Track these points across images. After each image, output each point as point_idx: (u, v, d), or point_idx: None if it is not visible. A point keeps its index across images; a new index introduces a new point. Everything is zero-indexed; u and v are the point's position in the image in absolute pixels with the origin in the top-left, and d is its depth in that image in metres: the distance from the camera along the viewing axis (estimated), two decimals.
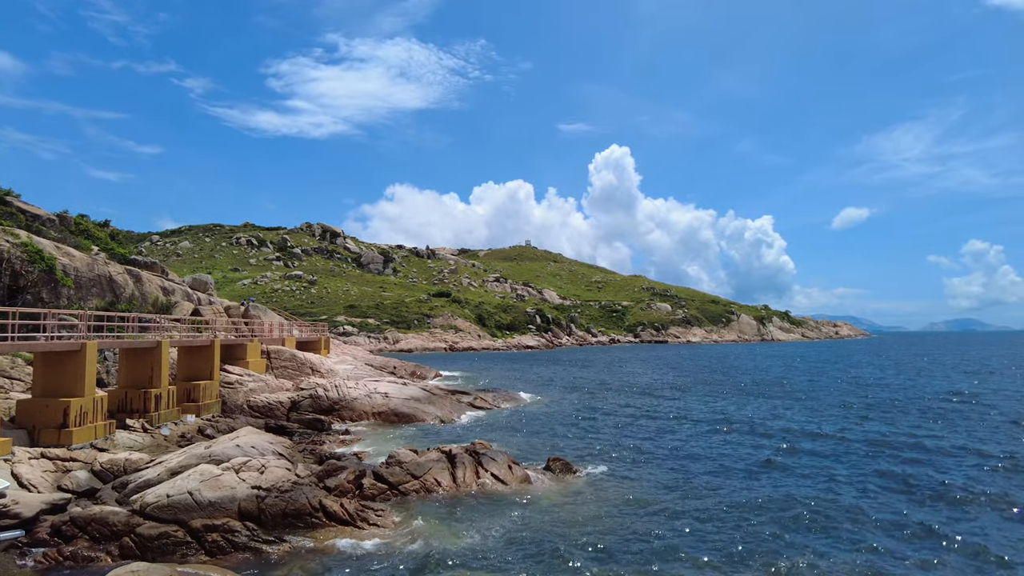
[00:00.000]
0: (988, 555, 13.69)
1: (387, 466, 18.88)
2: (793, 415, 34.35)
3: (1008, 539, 14.74)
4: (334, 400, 32.08)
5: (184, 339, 29.34)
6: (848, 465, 22.16)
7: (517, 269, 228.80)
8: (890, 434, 27.97)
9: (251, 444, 19.30)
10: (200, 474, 15.52)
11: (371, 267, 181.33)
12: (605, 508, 16.98)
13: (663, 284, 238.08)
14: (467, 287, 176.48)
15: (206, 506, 14.50)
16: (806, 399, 41.76)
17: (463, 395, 39.17)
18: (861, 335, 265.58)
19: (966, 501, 17.69)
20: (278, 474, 16.47)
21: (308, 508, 15.23)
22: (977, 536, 14.88)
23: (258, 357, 36.05)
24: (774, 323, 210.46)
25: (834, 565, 13.02)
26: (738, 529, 15.29)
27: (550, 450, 24.03)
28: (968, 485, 19.19)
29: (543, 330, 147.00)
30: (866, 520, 16.01)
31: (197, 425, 25.88)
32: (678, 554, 13.67)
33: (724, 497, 18.09)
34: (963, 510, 17.02)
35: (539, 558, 13.41)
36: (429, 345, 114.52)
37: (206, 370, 29.45)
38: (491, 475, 19.03)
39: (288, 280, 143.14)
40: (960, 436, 27.37)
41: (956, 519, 16.23)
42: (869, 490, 18.83)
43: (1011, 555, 13.64)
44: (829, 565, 13.02)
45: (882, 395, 43.85)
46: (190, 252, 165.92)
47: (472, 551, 13.78)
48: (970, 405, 37.91)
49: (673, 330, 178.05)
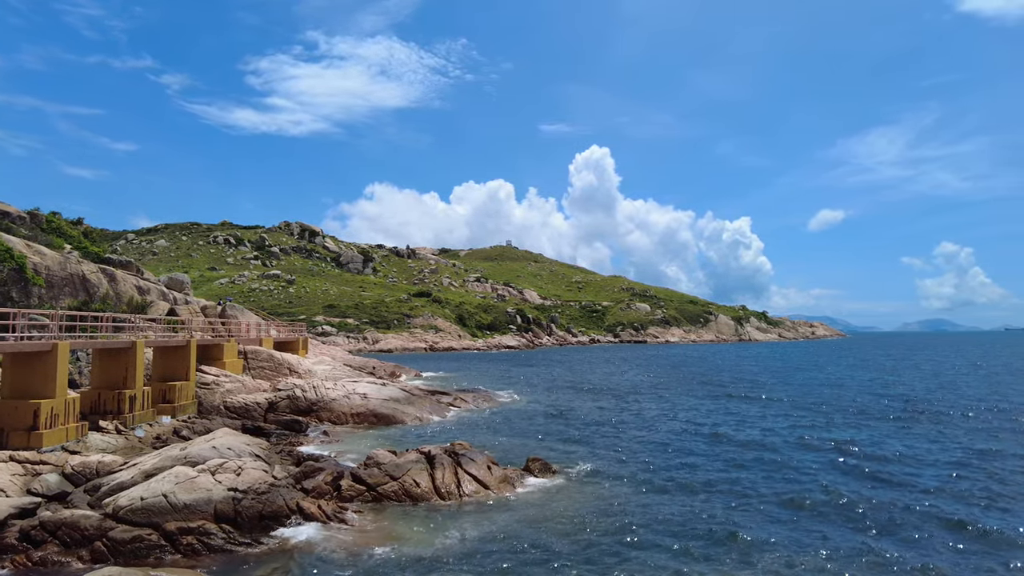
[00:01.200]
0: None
1: (365, 467, 18.79)
2: (769, 416, 34.76)
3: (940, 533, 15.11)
4: (312, 401, 31.84)
5: (159, 339, 28.93)
6: (817, 463, 22.49)
7: (498, 269, 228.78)
8: (854, 437, 28.46)
9: (227, 446, 19.09)
10: (175, 476, 15.33)
11: (350, 267, 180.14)
12: (584, 508, 17.06)
13: (642, 284, 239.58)
14: (448, 287, 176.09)
15: (181, 508, 14.34)
16: (782, 400, 42.30)
17: (443, 395, 39.10)
18: (837, 335, 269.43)
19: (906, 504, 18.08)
20: (255, 476, 16.33)
21: (285, 510, 15.12)
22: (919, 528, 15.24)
23: (235, 357, 35.66)
24: (751, 323, 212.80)
25: (809, 559, 13.21)
26: (717, 525, 15.44)
27: (530, 450, 24.08)
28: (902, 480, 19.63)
29: (523, 330, 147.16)
30: (831, 513, 16.28)
31: (172, 426, 25.54)
32: (657, 551, 13.79)
33: (702, 495, 18.27)
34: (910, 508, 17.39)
35: (518, 558, 13.44)
36: (409, 345, 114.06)
37: (182, 371, 29.07)
38: (470, 476, 19.02)
39: (266, 279, 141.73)
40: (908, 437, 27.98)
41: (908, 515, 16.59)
42: (836, 485, 19.12)
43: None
44: (805, 559, 13.21)
45: (850, 396, 44.58)
46: (166, 251, 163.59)
47: (451, 552, 13.78)
48: (912, 404, 38.72)
49: (652, 330, 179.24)
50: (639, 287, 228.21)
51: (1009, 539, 14.68)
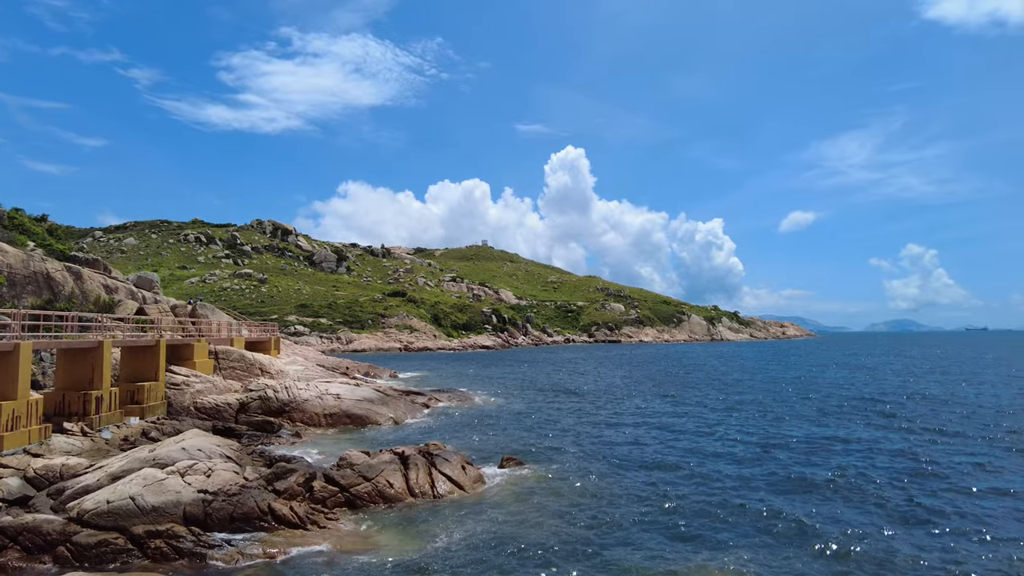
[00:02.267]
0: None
1: (338, 468, 18.62)
2: (738, 414, 35.21)
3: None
4: (284, 401, 31.47)
5: (128, 339, 28.35)
6: (789, 459, 22.88)
7: (474, 269, 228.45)
8: (815, 432, 29.02)
9: (198, 447, 18.78)
10: (143, 478, 15.04)
11: (324, 266, 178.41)
12: (558, 506, 17.12)
13: (617, 285, 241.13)
14: (423, 287, 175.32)
15: (149, 512, 14.06)
16: (754, 399, 42.89)
17: (417, 396, 38.92)
18: (807, 335, 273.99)
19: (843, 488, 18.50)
20: (226, 477, 16.09)
21: (257, 512, 14.92)
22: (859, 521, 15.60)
23: (205, 358, 35.10)
24: (723, 323, 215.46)
25: (778, 551, 13.43)
26: (688, 519, 15.60)
27: (504, 449, 24.10)
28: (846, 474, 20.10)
29: (499, 330, 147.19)
30: (800, 505, 16.58)
31: (141, 428, 25.04)
32: (631, 548, 13.89)
33: (675, 490, 18.44)
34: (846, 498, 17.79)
35: (493, 558, 13.43)
36: (383, 345, 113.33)
37: (151, 371, 28.53)
38: (445, 476, 18.97)
39: (237, 278, 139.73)
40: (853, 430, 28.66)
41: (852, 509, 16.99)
42: (804, 477, 19.47)
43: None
44: (774, 551, 13.42)
45: (819, 395, 45.41)
46: (135, 249, 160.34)
47: (424, 553, 13.72)
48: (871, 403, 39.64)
49: (626, 330, 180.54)
50: (613, 287, 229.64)
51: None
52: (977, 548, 14.23)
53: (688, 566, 13.08)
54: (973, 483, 19.63)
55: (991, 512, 16.80)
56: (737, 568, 12.97)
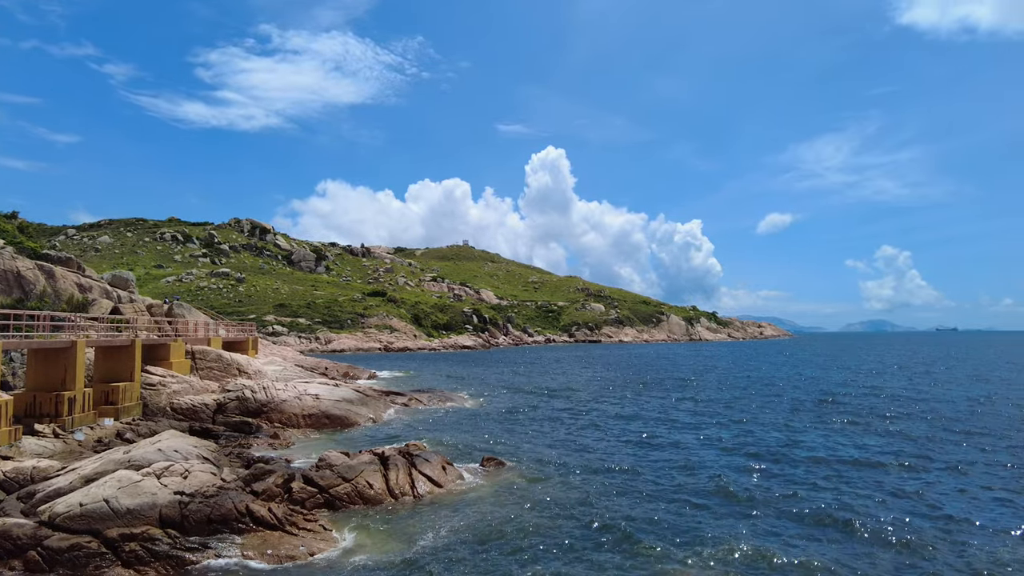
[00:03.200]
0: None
1: (317, 469, 18.48)
2: (715, 413, 35.55)
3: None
4: (262, 402, 31.15)
5: (102, 339, 27.87)
6: (766, 457, 23.15)
7: (454, 269, 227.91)
8: (787, 435, 29.41)
9: (174, 448, 18.52)
10: (118, 480, 14.78)
11: (302, 265, 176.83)
12: (539, 505, 17.14)
13: (597, 285, 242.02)
14: (403, 287, 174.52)
15: (124, 514, 13.83)
16: (730, 399, 43.32)
17: (397, 396, 38.75)
18: (784, 335, 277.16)
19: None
20: (203, 479, 15.88)
21: (234, 513, 14.74)
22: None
23: (182, 358, 34.63)
24: (702, 323, 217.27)
25: (754, 551, 13.57)
26: (667, 517, 15.72)
27: (484, 449, 24.09)
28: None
29: (480, 330, 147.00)
30: (771, 507, 16.79)
31: (115, 429, 24.63)
32: (609, 546, 13.95)
33: (655, 490, 18.56)
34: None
35: (472, 557, 13.41)
36: (363, 345, 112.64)
37: (126, 371, 28.07)
38: (425, 476, 18.91)
39: (215, 278, 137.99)
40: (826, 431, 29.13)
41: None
42: (779, 479, 19.72)
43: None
44: (750, 550, 13.56)
45: (787, 394, 46.01)
46: (110, 247, 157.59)
47: (404, 553, 13.67)
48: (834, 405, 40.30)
49: (606, 330, 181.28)
50: (594, 287, 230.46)
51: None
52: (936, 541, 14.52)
53: (667, 565, 13.17)
54: (935, 478, 20.04)
55: (945, 502, 17.17)
56: (719, 568, 13.08)
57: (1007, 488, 19.21)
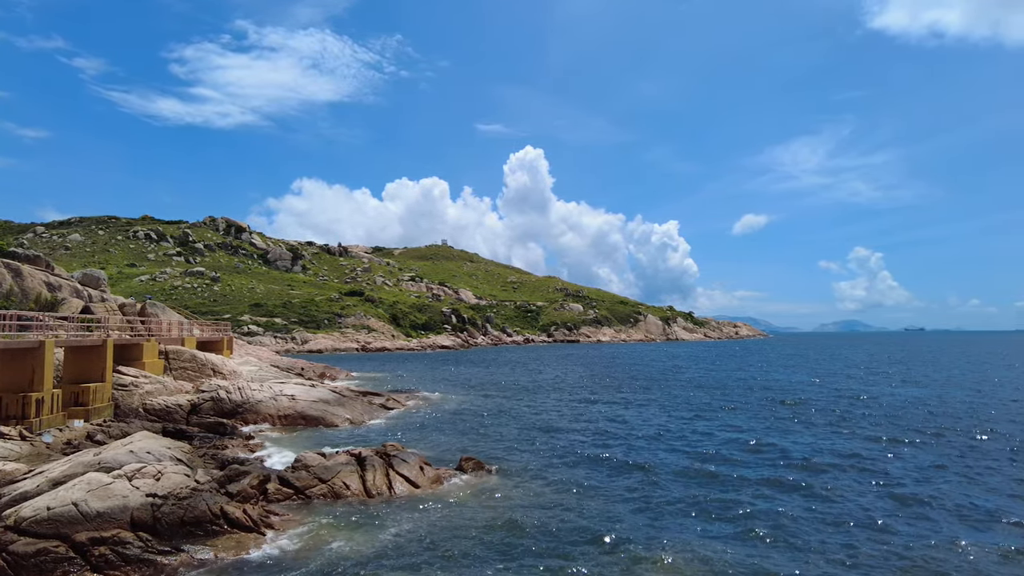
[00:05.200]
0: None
1: (293, 470, 18.29)
2: (692, 413, 35.87)
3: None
4: (237, 403, 30.75)
5: (72, 338, 27.28)
6: (743, 459, 23.41)
7: (433, 268, 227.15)
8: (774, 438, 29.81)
9: (146, 449, 18.19)
10: (87, 483, 14.47)
11: (278, 264, 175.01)
12: (517, 506, 17.12)
13: (575, 285, 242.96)
14: (381, 286, 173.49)
15: (94, 518, 13.53)
16: (705, 397, 43.73)
17: (375, 396, 38.49)
18: (759, 335, 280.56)
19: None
20: (176, 480, 15.61)
21: (208, 515, 14.51)
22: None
23: (155, 358, 34.05)
24: (679, 323, 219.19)
25: (731, 549, 13.70)
26: (644, 518, 15.80)
27: (463, 450, 24.01)
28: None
29: (459, 330, 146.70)
30: (748, 505, 16.99)
31: (86, 431, 24.11)
32: (586, 547, 13.98)
33: (630, 490, 18.65)
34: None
35: (451, 559, 13.36)
36: (340, 346, 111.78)
37: (97, 372, 27.52)
38: (402, 477, 18.80)
39: (189, 277, 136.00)
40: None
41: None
42: (752, 475, 19.96)
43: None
44: (727, 550, 13.68)
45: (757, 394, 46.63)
46: (81, 246, 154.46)
47: (381, 555, 13.56)
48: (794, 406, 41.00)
49: (585, 330, 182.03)
50: (572, 288, 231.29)
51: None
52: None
53: (642, 564, 13.24)
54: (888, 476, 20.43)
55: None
56: (702, 567, 13.18)
57: (932, 479, 19.64)
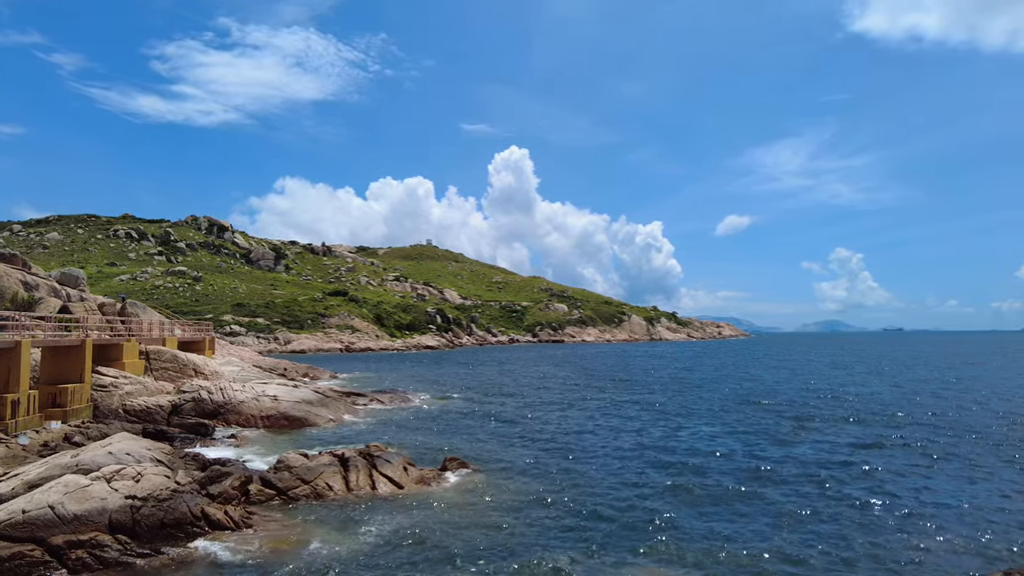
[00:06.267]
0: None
1: (276, 471, 18.16)
2: (674, 414, 36.08)
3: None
4: (219, 403, 30.46)
5: (49, 339, 26.88)
6: (720, 455, 23.60)
7: (418, 268, 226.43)
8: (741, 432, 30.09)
9: (126, 451, 17.98)
10: (64, 485, 14.26)
11: (261, 263, 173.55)
12: (502, 506, 17.13)
13: (560, 285, 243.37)
14: (365, 286, 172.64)
15: (71, 520, 13.35)
16: (688, 396, 44.01)
17: (358, 397, 38.31)
18: (741, 335, 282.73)
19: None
20: (156, 482, 15.44)
21: (189, 517, 14.37)
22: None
23: (136, 358, 33.65)
24: (662, 323, 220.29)
25: (708, 545, 13.81)
26: (628, 518, 15.86)
27: (447, 450, 23.97)
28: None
29: (443, 330, 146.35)
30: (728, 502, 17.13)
31: (63, 432, 23.77)
32: (570, 547, 14.01)
33: (614, 490, 18.73)
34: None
35: (434, 559, 13.33)
36: (323, 346, 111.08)
37: (75, 372, 27.13)
38: (386, 477, 18.73)
39: (171, 276, 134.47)
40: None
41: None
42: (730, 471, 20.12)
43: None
44: (714, 546, 13.78)
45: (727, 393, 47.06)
46: (59, 244, 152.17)
47: (364, 556, 13.50)
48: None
49: (569, 330, 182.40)
50: (557, 288, 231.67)
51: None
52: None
53: (625, 562, 13.29)
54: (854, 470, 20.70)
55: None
56: (686, 566, 13.25)
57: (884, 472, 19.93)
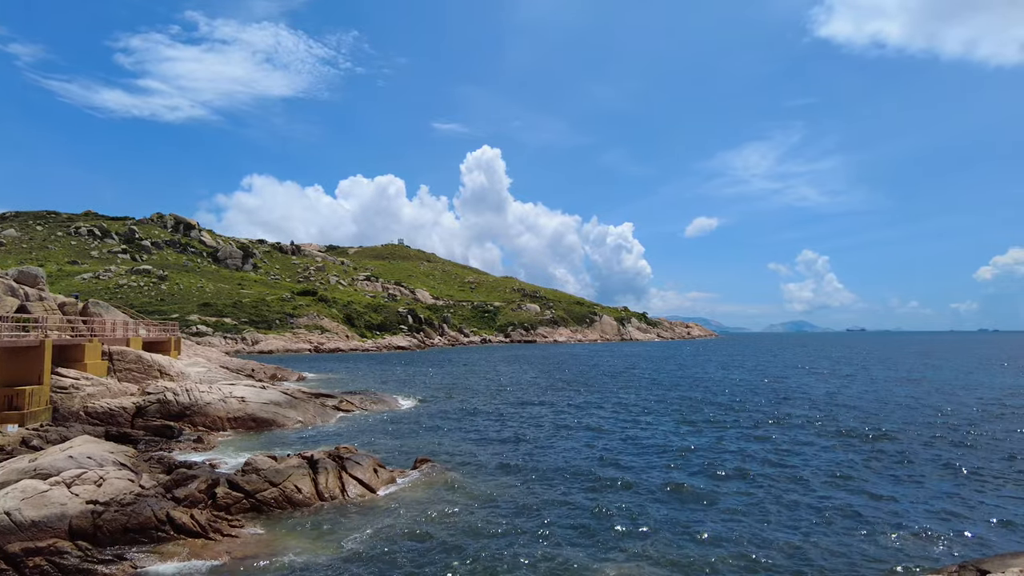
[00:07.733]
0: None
1: (243, 474, 17.90)
2: (643, 410, 36.45)
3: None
4: (185, 405, 29.91)
5: (5, 340, 26.12)
6: (693, 456, 23.94)
7: (389, 268, 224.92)
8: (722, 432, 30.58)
9: (87, 454, 17.55)
10: (21, 491, 13.89)
11: (229, 262, 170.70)
12: (472, 507, 17.14)
13: (532, 285, 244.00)
14: (335, 286, 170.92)
15: (28, 527, 13.01)
16: (660, 396, 44.49)
17: (328, 398, 37.93)
18: (710, 335, 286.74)
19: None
20: (119, 486, 15.12)
21: (153, 521, 14.10)
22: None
23: (98, 359, 32.85)
24: (633, 324, 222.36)
25: (674, 542, 14.01)
26: (599, 519, 16.00)
27: (417, 451, 23.90)
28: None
29: (415, 330, 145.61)
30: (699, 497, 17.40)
31: (20, 436, 23.11)
32: (541, 547, 14.08)
33: (584, 491, 18.86)
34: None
35: (401, 559, 13.29)
36: (292, 346, 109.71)
37: (33, 374, 26.40)
38: (355, 479, 18.59)
39: (135, 275, 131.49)
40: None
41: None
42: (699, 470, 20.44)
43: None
44: (671, 542, 13.98)
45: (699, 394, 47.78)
46: (17, 241, 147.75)
47: (333, 559, 13.40)
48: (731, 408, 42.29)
49: (541, 330, 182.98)
50: (529, 288, 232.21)
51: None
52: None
53: (595, 565, 13.41)
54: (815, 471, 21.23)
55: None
56: (658, 567, 13.40)
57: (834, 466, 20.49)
